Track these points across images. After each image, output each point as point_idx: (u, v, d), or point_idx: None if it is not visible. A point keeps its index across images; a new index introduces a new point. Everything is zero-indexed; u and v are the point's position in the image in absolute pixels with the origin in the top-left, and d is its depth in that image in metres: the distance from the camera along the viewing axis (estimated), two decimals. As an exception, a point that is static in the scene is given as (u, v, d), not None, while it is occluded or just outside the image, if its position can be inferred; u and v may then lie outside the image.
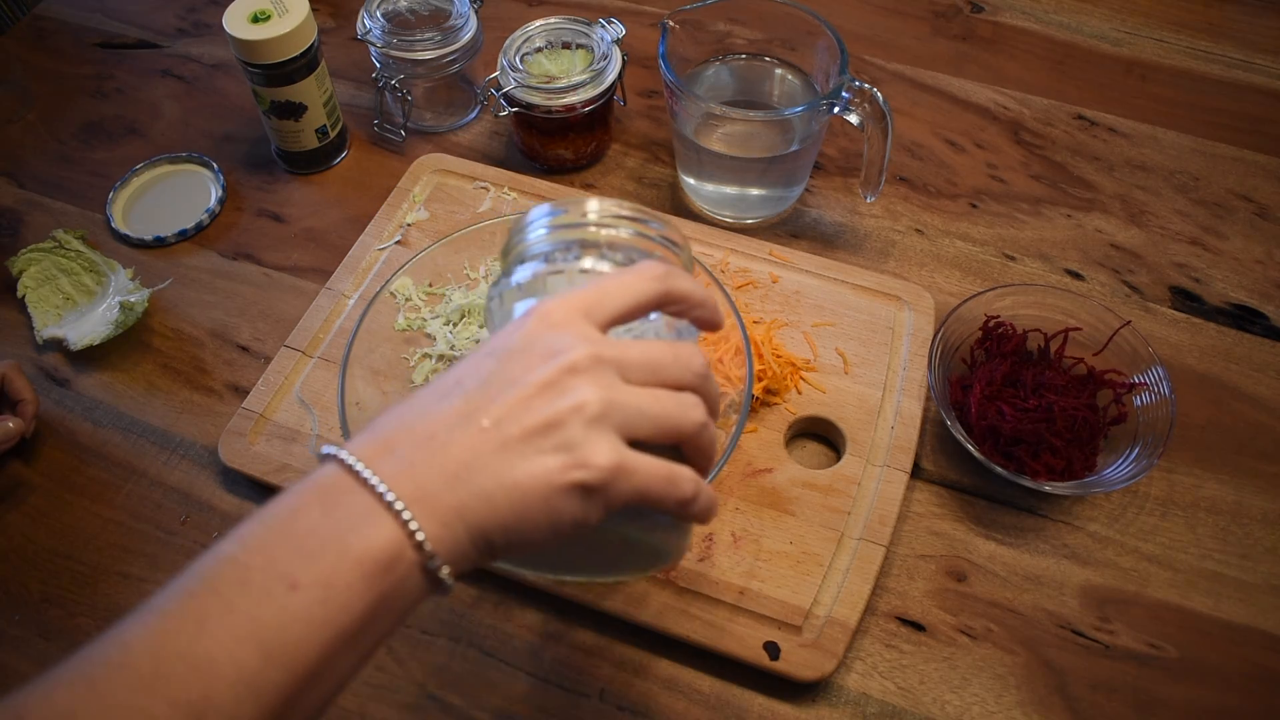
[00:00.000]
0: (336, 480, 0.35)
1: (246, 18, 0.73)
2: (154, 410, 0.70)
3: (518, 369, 0.37)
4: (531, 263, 0.45)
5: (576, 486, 0.35)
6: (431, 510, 0.35)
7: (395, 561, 0.34)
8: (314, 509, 0.35)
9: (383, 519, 0.34)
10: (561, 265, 0.44)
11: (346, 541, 0.34)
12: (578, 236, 0.45)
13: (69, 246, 0.76)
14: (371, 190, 0.82)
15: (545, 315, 0.39)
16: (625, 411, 0.37)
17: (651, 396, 0.38)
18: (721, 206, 0.78)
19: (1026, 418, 0.62)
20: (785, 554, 0.60)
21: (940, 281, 0.75)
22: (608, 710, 0.57)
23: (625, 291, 0.40)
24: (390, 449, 0.36)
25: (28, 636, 0.60)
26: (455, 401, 0.37)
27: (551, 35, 0.79)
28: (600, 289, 0.39)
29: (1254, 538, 0.63)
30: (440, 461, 0.35)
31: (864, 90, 0.67)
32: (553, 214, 0.45)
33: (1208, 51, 0.91)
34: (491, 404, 0.36)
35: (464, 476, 0.35)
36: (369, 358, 0.62)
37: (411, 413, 0.37)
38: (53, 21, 0.97)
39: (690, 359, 0.39)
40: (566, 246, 0.44)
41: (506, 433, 0.36)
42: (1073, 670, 0.58)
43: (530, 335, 0.38)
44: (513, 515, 0.35)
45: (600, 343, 0.38)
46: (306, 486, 0.36)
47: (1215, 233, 0.78)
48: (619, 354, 0.38)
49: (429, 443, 0.36)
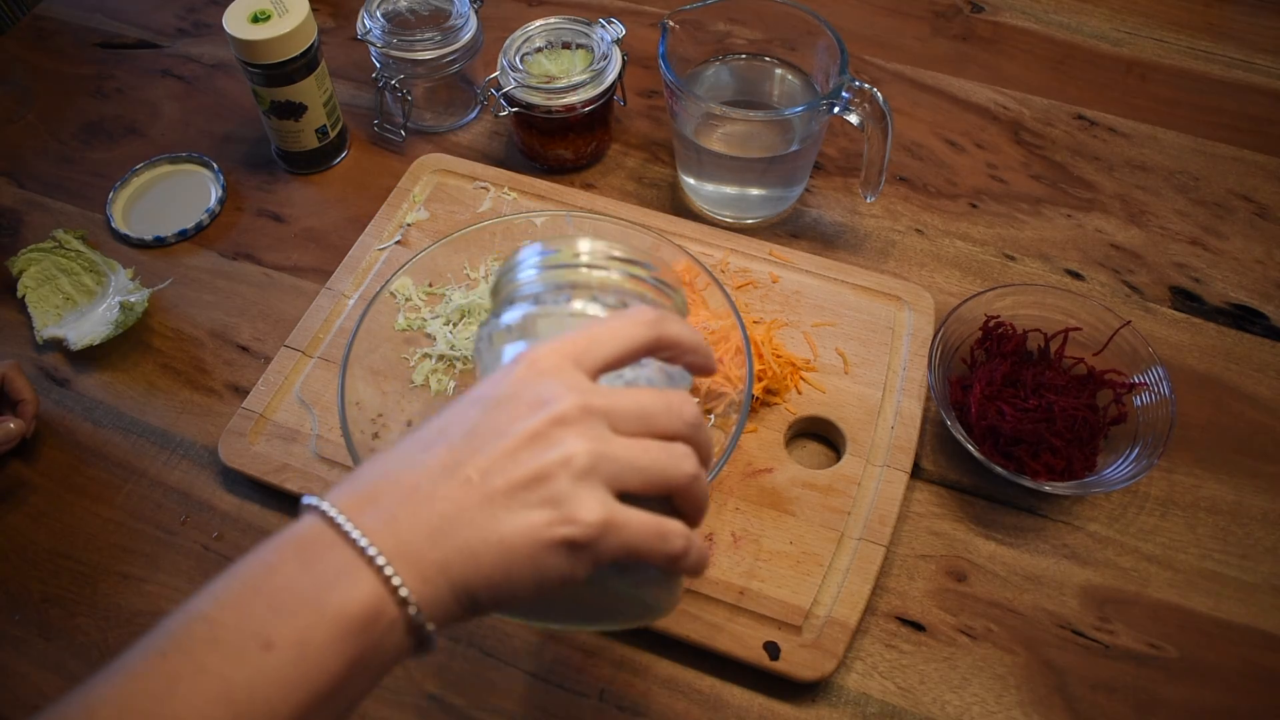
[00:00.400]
0: (316, 533, 0.34)
1: (246, 18, 0.73)
2: (154, 410, 0.70)
3: (504, 419, 0.36)
4: (521, 304, 0.44)
5: (563, 542, 0.34)
6: (414, 565, 0.34)
7: (375, 619, 0.33)
8: (291, 564, 0.34)
9: (363, 574, 0.33)
10: (552, 307, 0.43)
11: (324, 598, 0.33)
12: (569, 278, 0.43)
13: (69, 246, 0.76)
14: (371, 190, 0.82)
15: (533, 362, 0.38)
16: (614, 464, 0.36)
17: (641, 448, 0.37)
18: (721, 206, 0.78)
19: (1026, 418, 0.62)
20: (785, 554, 0.60)
21: (940, 281, 0.75)
22: (608, 710, 0.57)
23: (616, 337, 0.39)
24: (372, 501, 0.35)
25: (28, 636, 0.60)
26: (439, 452, 0.36)
27: (551, 35, 0.79)
28: (590, 334, 0.39)
29: (1254, 538, 0.63)
30: (424, 515, 0.34)
31: (864, 90, 0.67)
32: (544, 254, 0.44)
33: (1208, 51, 0.91)
34: (477, 455, 0.35)
35: (447, 531, 0.34)
36: (369, 358, 0.62)
37: (394, 463, 0.36)
38: (53, 21, 0.97)
39: (682, 408, 0.38)
40: (557, 288, 0.43)
41: (492, 486, 0.35)
42: (1073, 670, 0.58)
43: (518, 383, 0.37)
44: (498, 571, 0.34)
45: (589, 392, 0.37)
46: (285, 540, 0.35)
47: (1215, 233, 0.78)
48: (608, 404, 0.37)
49: (412, 495, 0.35)
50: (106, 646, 0.60)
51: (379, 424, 0.61)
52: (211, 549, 0.63)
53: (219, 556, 0.63)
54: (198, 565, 0.63)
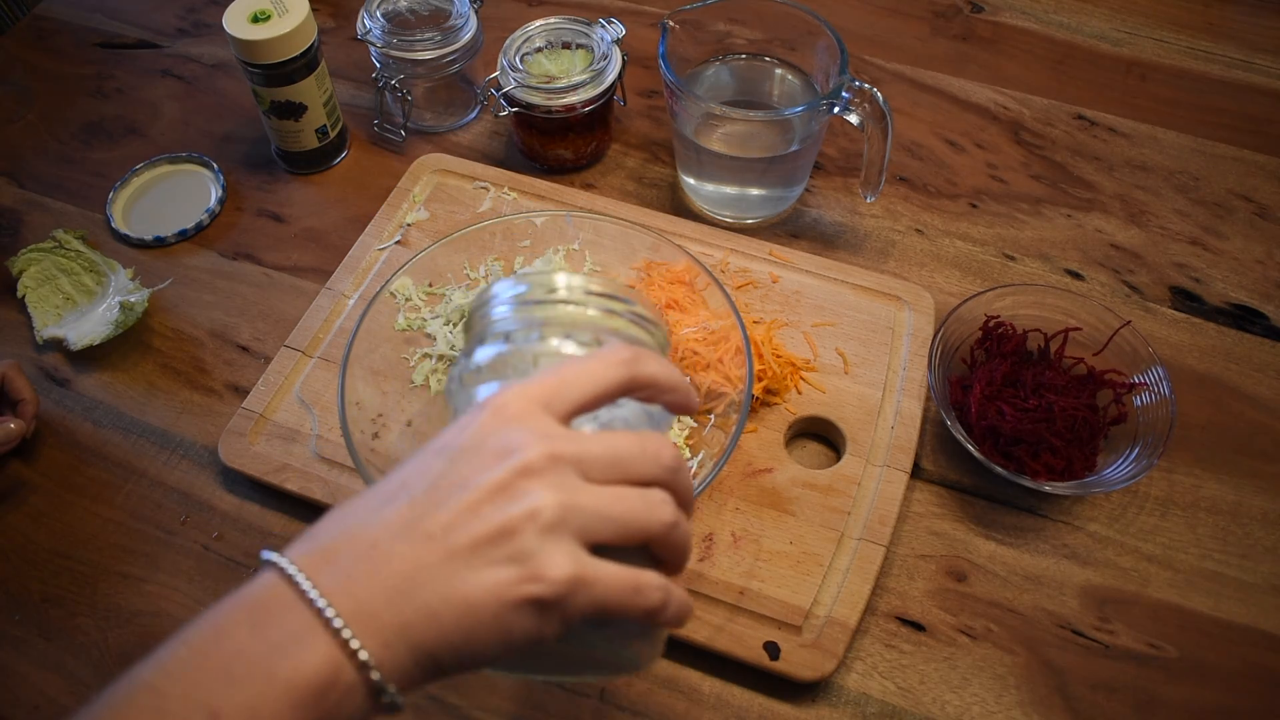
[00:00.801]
0: (272, 593, 0.33)
1: (246, 18, 0.72)
2: (154, 410, 0.70)
3: (468, 470, 0.34)
4: (493, 342, 0.42)
5: (530, 601, 0.33)
6: (372, 628, 0.32)
7: (331, 685, 0.31)
8: (242, 627, 0.32)
9: (318, 638, 0.32)
10: (524, 346, 0.41)
11: (276, 664, 0.31)
12: (542, 315, 0.41)
13: (69, 246, 0.76)
14: (371, 190, 0.82)
15: (500, 408, 0.36)
16: (585, 515, 0.34)
17: (614, 496, 0.35)
18: (721, 206, 0.78)
19: (1026, 418, 0.62)
20: (785, 554, 0.60)
21: (940, 281, 0.75)
22: (608, 710, 0.57)
23: (588, 378, 0.37)
24: (331, 559, 0.33)
25: (28, 636, 0.60)
26: (400, 506, 0.34)
27: (551, 35, 0.79)
28: (561, 376, 0.37)
29: (1254, 538, 0.63)
30: (382, 575, 0.33)
31: (864, 90, 0.67)
32: (517, 290, 0.42)
33: (1208, 51, 0.91)
34: (439, 509, 0.34)
35: (408, 591, 0.32)
36: (369, 358, 0.62)
37: (354, 518, 0.35)
38: (53, 21, 0.97)
39: (659, 451, 0.36)
40: (530, 325, 0.41)
41: (454, 542, 0.33)
42: (1073, 670, 0.58)
43: (483, 431, 0.35)
44: (460, 633, 0.32)
45: (558, 438, 0.35)
46: (238, 600, 0.33)
47: (1215, 233, 0.78)
48: (578, 450, 0.35)
49: (371, 553, 0.33)
50: (106, 646, 0.60)
51: (379, 424, 0.61)
52: (211, 549, 0.63)
53: (219, 556, 0.63)
54: (198, 565, 0.63)
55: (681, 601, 0.37)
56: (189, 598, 0.61)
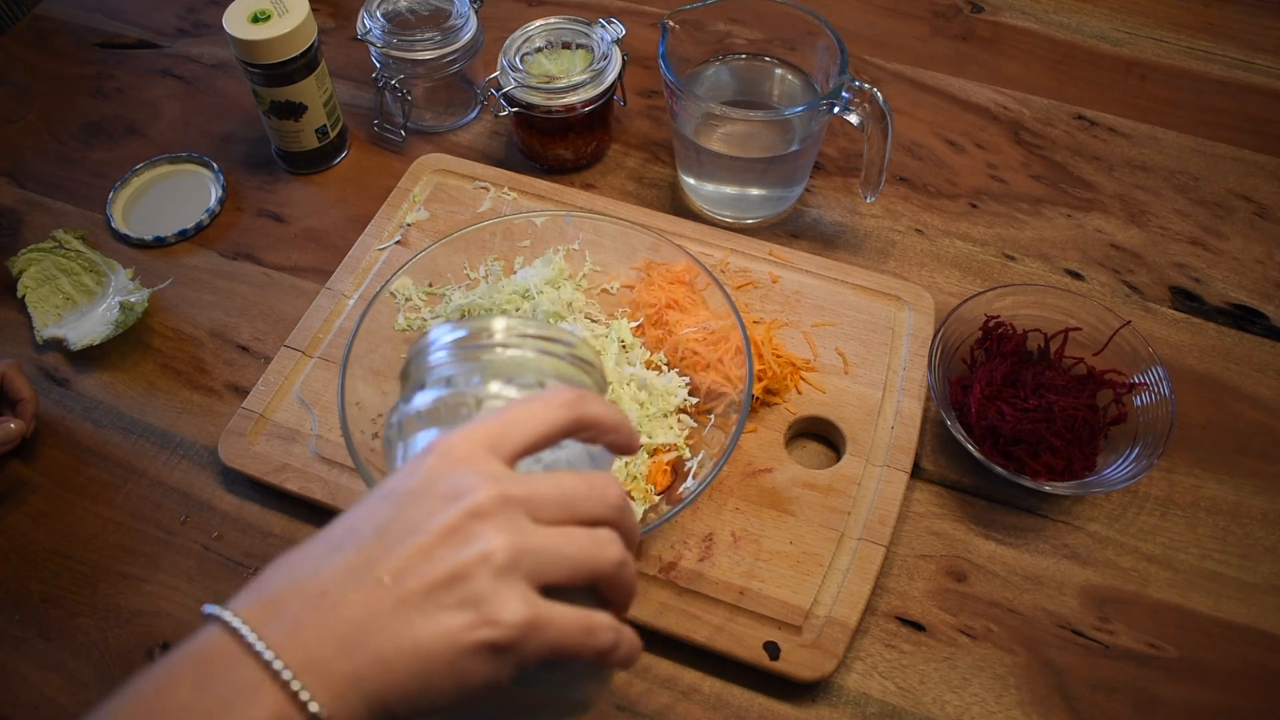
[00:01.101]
0: (217, 647, 0.32)
1: (246, 18, 0.72)
2: (154, 410, 0.70)
3: (417, 514, 0.34)
4: (433, 388, 0.41)
5: (485, 646, 0.32)
6: (323, 679, 0.31)
7: None
8: (186, 684, 0.31)
9: (265, 691, 0.31)
10: (465, 390, 0.40)
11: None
12: (485, 358, 0.41)
13: (69, 246, 0.76)
14: (371, 190, 0.82)
15: (447, 451, 0.35)
16: (536, 557, 0.34)
17: (565, 537, 0.35)
18: (721, 206, 0.78)
19: (1026, 418, 0.62)
20: (785, 554, 0.60)
21: (940, 281, 0.75)
22: (608, 710, 0.57)
23: (533, 420, 0.37)
24: (276, 610, 0.32)
25: (28, 636, 0.60)
26: (349, 553, 0.33)
27: (551, 35, 0.79)
28: (505, 419, 0.37)
29: (1254, 538, 0.63)
30: (332, 624, 0.32)
31: (864, 90, 0.67)
32: (455, 334, 0.42)
33: (1208, 51, 0.91)
34: (388, 555, 0.33)
35: (358, 640, 0.32)
36: (369, 358, 0.62)
37: (302, 567, 0.34)
38: (53, 21, 0.97)
39: (605, 490, 0.36)
40: (470, 370, 0.41)
41: (405, 588, 0.32)
42: (1073, 670, 0.58)
43: (430, 475, 0.35)
44: (414, 681, 0.32)
45: (506, 480, 0.35)
46: (181, 656, 0.32)
47: (1215, 233, 0.78)
48: (527, 492, 0.35)
49: (320, 602, 0.32)
50: (106, 646, 0.60)
51: (379, 424, 0.61)
52: (211, 549, 0.63)
53: (219, 556, 0.63)
54: (198, 565, 0.63)
55: (631, 641, 0.37)
56: (189, 598, 0.61)
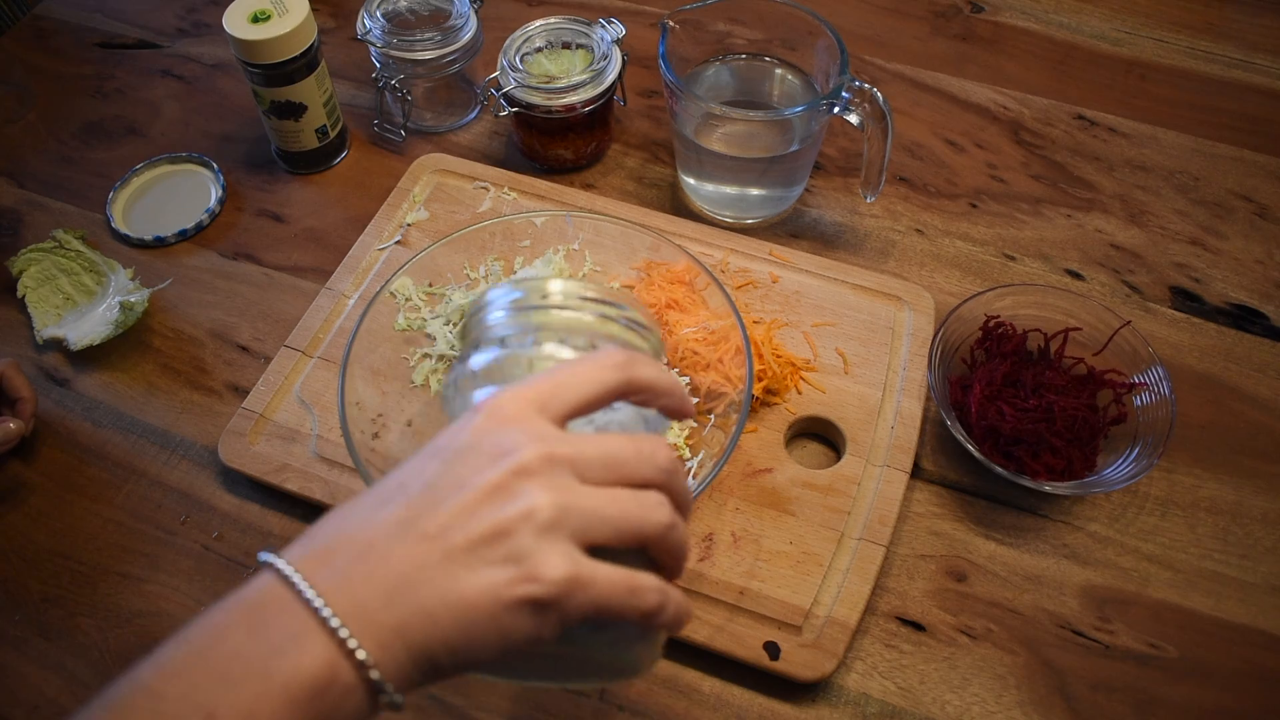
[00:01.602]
0: (270, 594, 0.33)
1: (246, 18, 0.72)
2: (154, 410, 0.70)
3: (464, 471, 0.34)
4: (489, 347, 0.42)
5: (527, 601, 0.33)
6: (370, 628, 0.32)
7: (328, 686, 0.32)
8: (239, 628, 0.32)
9: (315, 638, 0.32)
10: (519, 351, 0.41)
11: (273, 665, 0.31)
12: (537, 320, 0.42)
13: (69, 246, 0.76)
14: (371, 190, 0.82)
15: (496, 410, 0.36)
16: (581, 516, 0.34)
17: (610, 497, 0.35)
18: (721, 206, 0.78)
19: (1026, 418, 0.62)
20: (785, 554, 0.60)
21: (940, 281, 0.75)
22: (608, 710, 0.57)
23: (583, 382, 0.37)
24: (327, 560, 0.33)
25: (28, 636, 0.60)
26: (397, 507, 0.34)
27: (551, 35, 0.79)
28: (556, 379, 0.37)
29: (1254, 538, 0.63)
30: (379, 575, 0.33)
31: (864, 90, 0.67)
32: (512, 295, 0.43)
33: (1208, 51, 0.91)
34: (435, 510, 0.34)
35: (405, 591, 0.32)
36: (369, 358, 0.62)
37: (351, 520, 0.35)
38: (53, 21, 0.97)
39: (654, 453, 0.36)
40: (525, 330, 0.42)
41: (450, 542, 0.33)
42: (1073, 670, 0.58)
43: (479, 432, 0.35)
44: (458, 633, 0.33)
45: (554, 440, 0.35)
46: (236, 602, 0.33)
47: (1215, 233, 0.78)
48: (574, 452, 0.35)
49: (368, 554, 0.33)
50: (106, 646, 0.60)
51: (379, 424, 0.61)
52: (211, 549, 0.63)
53: (219, 556, 0.63)
54: (198, 565, 0.63)
55: (679, 604, 0.37)
56: (189, 598, 0.61)
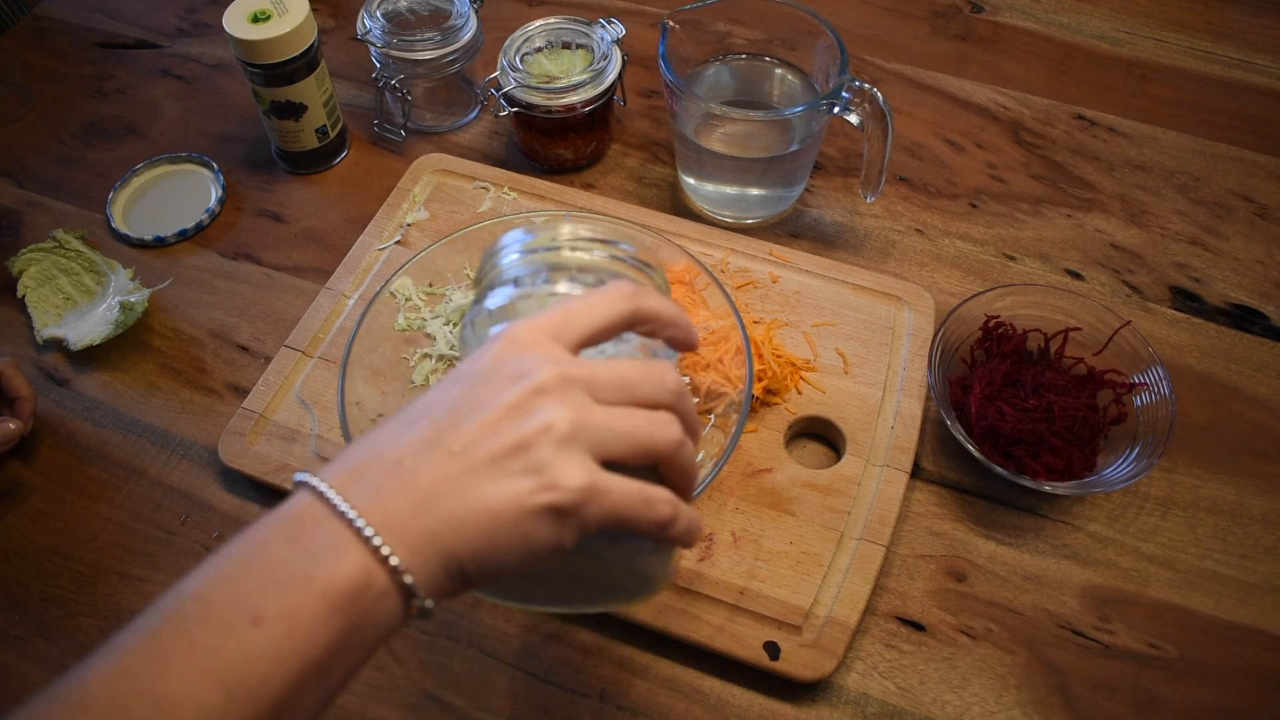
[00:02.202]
0: (306, 508, 0.35)
1: (246, 18, 0.73)
2: (154, 410, 0.70)
3: (485, 392, 0.37)
4: (503, 288, 0.44)
5: (547, 509, 0.35)
6: (401, 536, 0.34)
7: (364, 590, 0.34)
8: (279, 540, 0.34)
9: (350, 547, 0.34)
10: (531, 289, 0.44)
11: (312, 572, 0.33)
12: (549, 260, 0.44)
13: (69, 246, 0.76)
14: (371, 190, 0.82)
15: (513, 338, 0.38)
16: (596, 431, 0.36)
17: (623, 415, 0.37)
18: (721, 206, 0.78)
19: (1026, 418, 0.62)
20: (785, 554, 0.60)
21: (940, 281, 0.75)
22: (608, 710, 0.57)
23: (594, 311, 0.39)
24: (359, 477, 0.36)
25: (28, 636, 0.60)
26: (423, 428, 0.37)
27: (551, 35, 0.79)
28: (568, 310, 0.39)
29: (1254, 538, 0.63)
30: (408, 488, 0.35)
31: (864, 90, 0.67)
32: (524, 238, 0.45)
33: (1208, 51, 0.91)
34: (459, 428, 0.36)
35: (432, 502, 0.35)
36: (369, 358, 0.62)
37: (380, 440, 0.37)
38: (53, 21, 0.97)
39: (663, 376, 0.39)
40: (537, 270, 0.44)
41: (474, 457, 0.35)
42: (1073, 670, 0.58)
43: (498, 358, 0.38)
44: (483, 540, 0.35)
45: (568, 362, 0.37)
46: (275, 517, 0.35)
47: (1215, 233, 0.78)
48: (588, 373, 0.37)
49: (396, 469, 0.35)
50: (106, 646, 0.60)
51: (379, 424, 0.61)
52: (212, 549, 0.63)
53: (219, 556, 0.63)
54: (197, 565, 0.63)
55: (690, 518, 0.39)
56: (189, 598, 0.61)
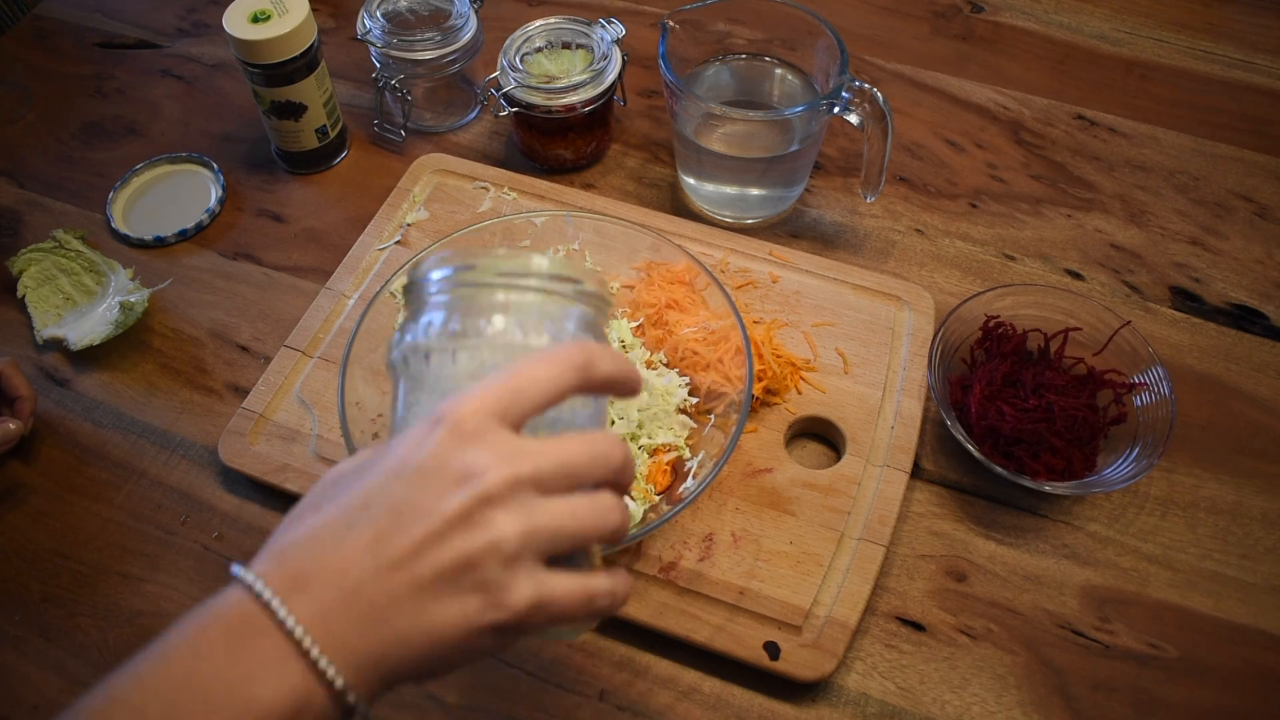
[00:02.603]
0: (247, 617, 0.34)
1: (246, 18, 0.72)
2: (154, 410, 0.70)
3: (429, 496, 0.35)
4: (434, 321, 0.42)
5: (493, 627, 0.35)
6: (346, 657, 0.34)
7: (303, 709, 0.33)
8: (219, 651, 0.34)
9: (293, 665, 0.33)
10: (473, 340, 0.40)
11: (253, 692, 0.33)
12: (483, 300, 0.41)
13: (69, 246, 0.76)
14: (371, 190, 0.82)
15: (457, 426, 0.36)
16: (543, 536, 0.36)
17: (569, 512, 0.36)
18: (721, 206, 0.78)
19: (1026, 418, 0.62)
20: (785, 554, 0.60)
21: (940, 281, 0.75)
22: (608, 710, 0.57)
23: (541, 385, 0.37)
24: (301, 585, 0.34)
25: (28, 636, 0.60)
26: (365, 531, 0.35)
27: (551, 35, 0.79)
28: (513, 385, 0.37)
29: (1254, 538, 0.63)
30: (355, 605, 0.34)
31: (864, 90, 0.67)
32: (452, 270, 0.42)
33: (1208, 51, 0.91)
34: (403, 534, 0.35)
35: (379, 620, 0.34)
36: (369, 358, 0.62)
37: (321, 540, 0.36)
38: (53, 21, 0.97)
39: (609, 456, 0.38)
40: (471, 312, 0.41)
41: (420, 573, 0.34)
42: (1073, 670, 0.58)
43: (441, 451, 0.36)
44: (427, 655, 0.35)
45: (515, 458, 0.36)
46: (213, 620, 0.34)
47: (1215, 233, 0.78)
48: (535, 469, 0.36)
49: (341, 581, 0.34)
50: (106, 646, 0.60)
51: (379, 424, 0.61)
52: (211, 549, 0.63)
53: (219, 556, 0.63)
54: (197, 565, 0.63)
55: (624, 595, 0.39)
56: (189, 598, 0.61)
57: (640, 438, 0.61)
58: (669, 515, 0.56)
